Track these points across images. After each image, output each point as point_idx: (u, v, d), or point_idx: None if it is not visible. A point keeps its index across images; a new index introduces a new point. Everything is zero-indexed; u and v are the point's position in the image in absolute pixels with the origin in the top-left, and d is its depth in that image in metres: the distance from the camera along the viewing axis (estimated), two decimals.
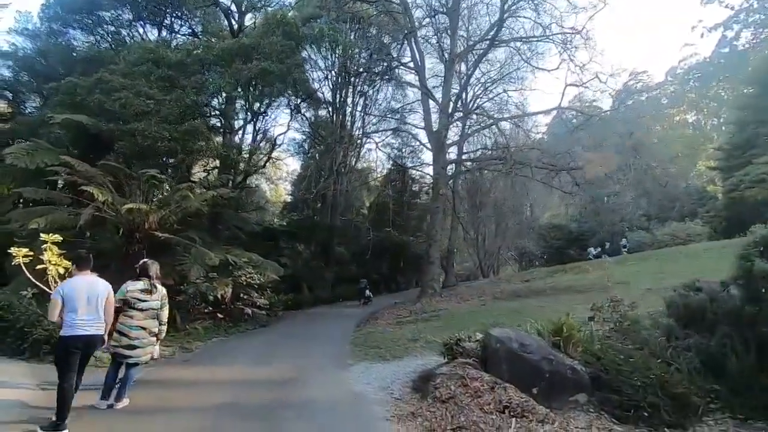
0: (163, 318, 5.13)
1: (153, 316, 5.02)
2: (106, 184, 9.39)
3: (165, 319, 5.16)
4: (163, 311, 5.12)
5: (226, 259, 11.54)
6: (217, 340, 9.84)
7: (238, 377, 6.53)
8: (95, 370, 5.51)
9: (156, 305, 5.04)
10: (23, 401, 4.89)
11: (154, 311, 5.03)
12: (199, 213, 14.24)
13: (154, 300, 5.04)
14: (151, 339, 5.01)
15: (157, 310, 5.06)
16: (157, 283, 5.15)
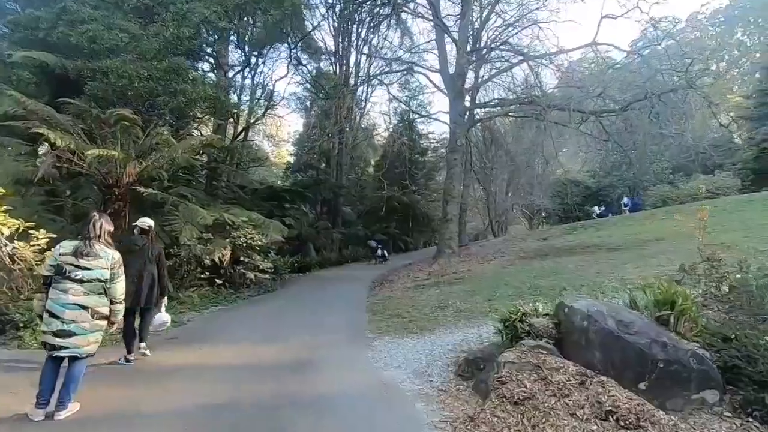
0: (117, 293, 3.65)
1: (98, 291, 3.54)
2: (71, 130, 7.71)
3: (120, 294, 3.68)
4: (116, 284, 3.64)
5: (222, 218, 10.04)
6: (215, 309, 8.48)
7: (237, 360, 5.13)
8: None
9: (102, 275, 3.55)
10: None
11: (100, 284, 3.55)
12: (191, 168, 12.66)
13: (98, 268, 3.54)
14: (97, 323, 3.54)
15: (105, 283, 3.57)
16: (104, 245, 3.63)
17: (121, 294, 3.68)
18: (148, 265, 5.12)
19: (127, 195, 8.81)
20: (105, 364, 4.81)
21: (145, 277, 5.07)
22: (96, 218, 3.62)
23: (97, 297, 3.50)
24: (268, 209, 15.94)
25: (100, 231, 3.61)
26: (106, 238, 3.66)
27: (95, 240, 3.56)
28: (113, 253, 3.64)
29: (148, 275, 5.12)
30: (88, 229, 3.55)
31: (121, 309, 3.70)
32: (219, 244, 9.98)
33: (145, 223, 5.28)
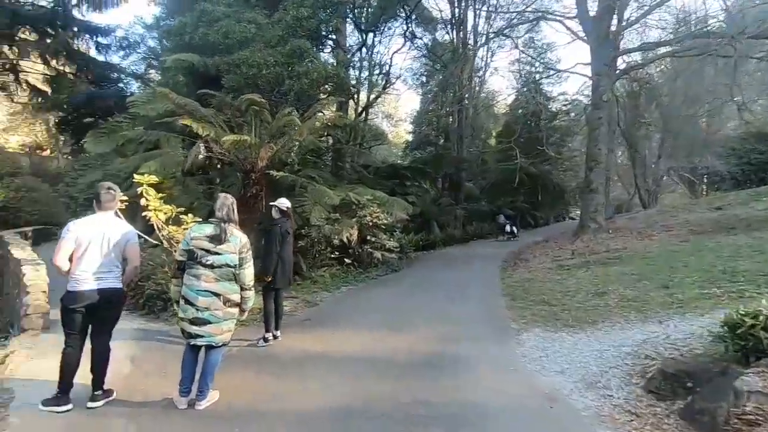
0: (246, 279, 3.35)
1: (229, 277, 3.27)
2: (213, 121, 8.15)
3: (249, 281, 3.38)
4: (245, 269, 3.34)
5: (348, 197, 9.91)
6: (345, 289, 8.37)
7: (367, 350, 4.69)
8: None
9: (231, 260, 3.27)
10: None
11: (230, 269, 3.27)
12: (318, 150, 12.89)
13: (228, 253, 3.26)
14: (229, 311, 3.30)
15: (234, 269, 3.30)
16: (233, 228, 3.35)
17: (251, 280, 3.40)
18: (289, 246, 5.07)
19: (263, 179, 9.14)
20: (245, 346, 4.80)
21: (289, 258, 5.06)
22: (226, 199, 3.37)
23: (227, 283, 3.25)
24: (390, 188, 15.69)
25: (233, 214, 3.35)
26: (235, 221, 3.39)
27: (229, 224, 3.31)
28: (241, 237, 3.36)
29: (290, 255, 5.09)
30: (226, 213, 3.31)
31: (251, 296, 3.44)
32: (346, 223, 9.90)
33: (283, 204, 5.15)
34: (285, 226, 5.04)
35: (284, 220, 5.09)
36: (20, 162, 17.48)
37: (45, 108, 20.95)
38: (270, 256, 4.90)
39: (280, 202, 5.17)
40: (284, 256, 4.98)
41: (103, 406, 3.21)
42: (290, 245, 5.16)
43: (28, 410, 3.10)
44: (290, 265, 5.16)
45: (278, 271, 4.92)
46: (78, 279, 3.13)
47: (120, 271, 3.35)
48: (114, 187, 3.40)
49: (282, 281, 4.99)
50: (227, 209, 3.32)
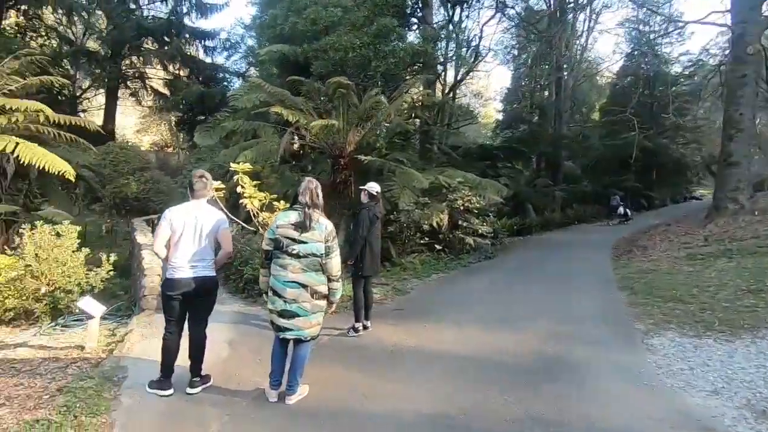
0: (333, 270, 3.07)
1: (315, 267, 3.02)
2: (303, 108, 8.18)
3: (336, 271, 3.10)
4: (332, 259, 3.06)
5: (437, 181, 9.40)
6: (437, 277, 7.95)
7: (463, 348, 4.23)
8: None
9: (318, 249, 3.01)
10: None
11: (316, 259, 3.02)
12: (405, 133, 12.52)
13: (314, 241, 3.01)
14: (317, 303, 3.05)
15: (321, 258, 3.04)
16: (318, 214, 3.09)
17: (338, 271, 3.12)
18: (378, 231, 4.81)
19: (351, 164, 9.03)
20: (335, 336, 4.64)
21: (377, 243, 4.79)
22: (310, 183, 3.12)
23: (314, 274, 3.01)
24: (481, 169, 14.76)
25: (317, 199, 3.09)
26: (320, 206, 3.13)
27: (313, 209, 3.06)
28: (327, 224, 3.08)
29: (378, 241, 4.83)
30: (309, 197, 3.05)
31: (339, 288, 3.17)
32: (436, 208, 9.42)
33: (373, 188, 4.85)
34: (374, 211, 4.74)
35: (373, 204, 4.80)
36: (149, 158, 19.80)
37: (165, 109, 23.51)
38: (356, 241, 4.66)
39: (370, 185, 4.88)
40: (372, 242, 4.69)
41: (201, 393, 3.21)
42: (378, 230, 4.85)
43: (136, 391, 3.20)
44: (378, 251, 4.86)
45: (366, 257, 4.65)
46: (174, 266, 3.14)
47: (213, 259, 3.30)
48: (206, 175, 3.35)
49: (370, 268, 4.71)
50: (310, 193, 3.06)
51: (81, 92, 23.20)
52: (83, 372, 3.58)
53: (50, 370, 3.66)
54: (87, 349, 4.07)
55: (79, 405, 2.90)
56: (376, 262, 4.79)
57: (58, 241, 5.89)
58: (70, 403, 2.92)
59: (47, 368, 3.70)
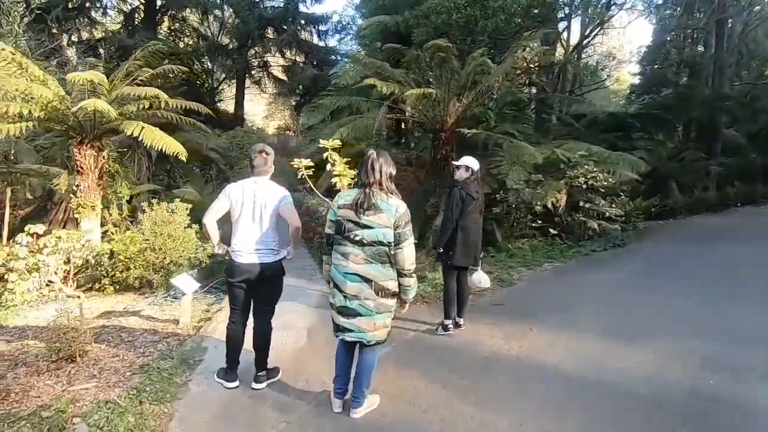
0: (405, 262, 2.46)
1: (382, 259, 2.44)
2: (401, 79, 7.58)
3: (409, 264, 2.48)
4: (403, 249, 2.44)
5: (554, 155, 8.07)
6: (549, 267, 6.81)
7: (578, 367, 3.29)
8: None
9: (385, 236, 2.41)
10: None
11: (383, 249, 2.43)
12: (518, 103, 11.13)
13: (381, 226, 2.41)
14: (383, 302, 2.48)
15: (389, 247, 2.44)
16: (385, 193, 2.48)
17: (411, 264, 2.50)
18: (474, 215, 4.01)
19: (453, 138, 8.22)
20: (422, 331, 4.06)
21: (473, 229, 4.00)
22: (374, 157, 2.52)
23: (380, 267, 2.44)
24: (611, 142, 12.53)
25: (379, 174, 2.48)
26: (389, 185, 2.52)
27: (375, 187, 2.47)
28: (398, 206, 2.45)
29: (475, 226, 4.03)
30: (365, 172, 2.49)
31: (412, 285, 2.55)
32: (552, 186, 8.12)
33: (467, 162, 4.04)
34: (467, 189, 3.94)
35: (467, 182, 4.00)
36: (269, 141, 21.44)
37: (284, 94, 25.04)
38: (445, 225, 3.96)
39: (464, 160, 4.07)
40: (467, 227, 3.93)
41: (266, 388, 2.94)
42: (475, 214, 4.04)
43: (206, 377, 3.07)
44: (476, 238, 4.05)
45: (457, 244, 3.92)
46: (236, 251, 2.86)
47: (277, 244, 2.95)
48: (267, 149, 2.98)
49: (463, 257, 3.96)
50: (372, 167, 2.46)
51: (218, 84, 25.98)
52: (168, 349, 3.61)
53: (145, 342, 3.79)
54: (180, 325, 4.17)
55: (149, 389, 2.84)
56: (471, 251, 4.02)
57: (171, 218, 6.36)
58: (142, 385, 2.87)
59: (144, 340, 3.84)
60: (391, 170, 2.53)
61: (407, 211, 2.48)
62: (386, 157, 2.52)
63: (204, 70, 24.21)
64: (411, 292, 2.56)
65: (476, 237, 4.05)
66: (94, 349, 3.59)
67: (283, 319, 4.21)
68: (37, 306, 5.34)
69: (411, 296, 2.58)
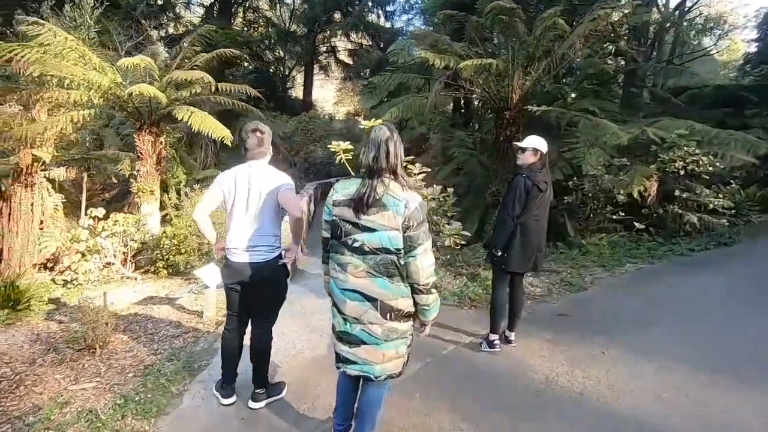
0: (420, 276, 1.81)
1: (389, 271, 1.81)
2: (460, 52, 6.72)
3: (426, 277, 1.82)
4: (416, 257, 1.79)
5: (643, 135, 6.73)
6: (631, 268, 5.66)
7: (666, 415, 2.43)
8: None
9: (392, 241, 1.78)
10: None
11: (390, 257, 1.80)
12: (601, 75, 9.63)
13: (385, 228, 1.78)
14: (395, 327, 1.87)
15: (398, 255, 1.80)
16: (393, 183, 1.82)
17: (429, 276, 1.83)
18: (539, 209, 3.17)
19: (519, 118, 7.21)
20: (463, 345, 3.40)
21: (540, 229, 3.20)
22: (387, 135, 1.84)
23: (387, 282, 1.82)
24: (718, 119, 10.44)
25: (395, 159, 1.83)
26: (403, 174, 1.88)
27: (387, 176, 1.82)
28: (410, 199, 1.79)
29: (543, 226, 3.22)
30: (374, 155, 1.83)
31: (431, 303, 1.88)
32: (639, 172, 6.79)
33: (534, 144, 3.17)
34: (534, 179, 3.11)
35: (534, 168, 3.16)
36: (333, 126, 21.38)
37: (350, 78, 24.83)
38: (502, 222, 3.21)
39: (530, 140, 3.23)
40: (527, 224, 3.12)
41: (265, 408, 2.50)
42: (542, 208, 3.17)
43: (205, 387, 2.72)
44: (537, 239, 3.18)
45: (514, 245, 3.15)
46: (229, 248, 2.42)
47: (278, 240, 2.47)
48: (262, 127, 2.46)
49: (519, 262, 3.17)
50: (379, 147, 1.82)
51: (289, 71, 26.49)
52: (183, 346, 3.35)
53: (165, 337, 3.58)
54: (204, 318, 3.93)
55: (139, 398, 2.54)
56: (530, 255, 3.19)
57: None
58: (134, 393, 2.59)
59: (165, 334, 3.64)
60: (404, 153, 1.89)
61: (421, 207, 1.81)
62: (392, 134, 1.87)
63: (276, 58, 24.81)
64: (431, 312, 1.91)
65: (538, 238, 3.20)
66: (115, 341, 3.45)
67: (310, 322, 3.80)
68: (99, 286, 5.52)
69: (432, 317, 1.93)
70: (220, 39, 16.84)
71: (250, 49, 20.13)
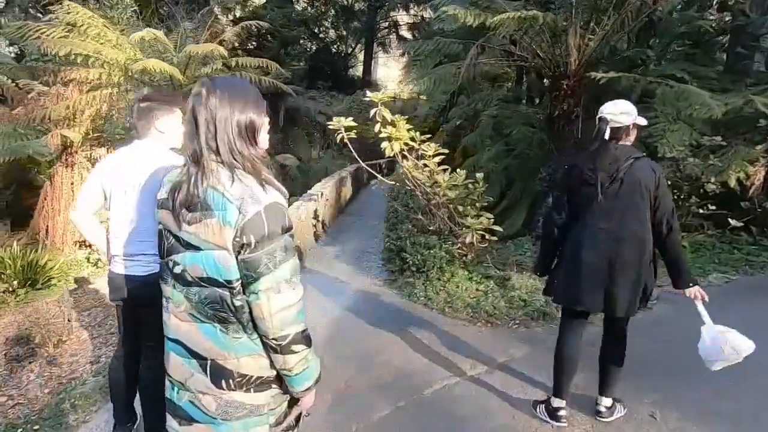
0: (270, 322, 1.04)
1: (218, 312, 1.07)
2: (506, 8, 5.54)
3: (279, 325, 1.05)
4: (261, 294, 1.02)
5: (748, 106, 5.10)
6: (720, 280, 4.28)
7: None
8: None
9: (218, 266, 1.04)
10: None
11: (220, 292, 1.06)
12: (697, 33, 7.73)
13: (211, 246, 1.04)
14: (236, 399, 1.11)
15: (230, 290, 1.05)
16: (229, 173, 1.04)
17: (285, 325, 1.06)
18: (623, 212, 2.01)
19: (579, 88, 5.91)
20: (462, 380, 2.56)
21: (613, 243, 2.02)
22: (203, 94, 1.04)
23: (218, 331, 1.09)
24: None
25: (214, 129, 1.04)
26: (249, 156, 1.08)
27: (209, 160, 1.05)
28: (247, 199, 1.02)
29: (623, 238, 2.02)
30: (186, 129, 1.10)
31: (297, 365, 1.10)
32: (740, 155, 5.21)
33: (615, 111, 2.01)
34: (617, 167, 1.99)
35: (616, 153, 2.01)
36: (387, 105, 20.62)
37: (410, 53, 23.63)
38: (543, 230, 2.32)
39: (615, 110, 2.02)
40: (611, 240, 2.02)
41: None
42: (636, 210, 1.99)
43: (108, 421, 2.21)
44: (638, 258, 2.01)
45: (563, 266, 2.15)
46: (113, 255, 1.83)
47: None
48: (154, 96, 1.83)
49: (581, 294, 2.07)
50: (190, 114, 1.06)
51: (351, 50, 25.90)
52: None
53: None
54: None
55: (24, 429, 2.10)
56: (596, 283, 2.03)
57: None
58: (20, 422, 2.16)
59: None
60: (247, 118, 1.10)
61: (271, 213, 1.04)
62: (235, 90, 1.09)
63: (338, 36, 24.32)
64: (300, 380, 1.14)
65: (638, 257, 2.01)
66: (73, 340, 3.13)
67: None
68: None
69: (303, 387, 1.16)
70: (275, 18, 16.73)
71: (307, 27, 19.84)
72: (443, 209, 4.37)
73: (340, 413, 2.22)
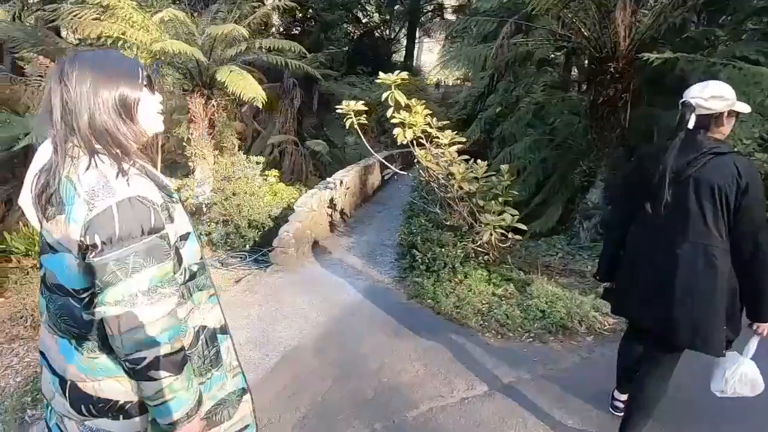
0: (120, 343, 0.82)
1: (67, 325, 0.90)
2: None
3: (130, 347, 0.82)
4: (110, 311, 0.80)
5: None
6: None
7: None
8: None
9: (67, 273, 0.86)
10: None
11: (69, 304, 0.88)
12: None
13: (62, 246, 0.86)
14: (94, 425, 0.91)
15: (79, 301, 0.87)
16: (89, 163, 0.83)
17: (140, 345, 0.83)
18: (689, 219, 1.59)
19: (630, 71, 5.24)
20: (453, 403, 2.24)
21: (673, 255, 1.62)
22: (60, 70, 0.84)
23: (73, 348, 0.90)
24: None
25: (65, 114, 0.83)
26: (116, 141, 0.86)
27: (67, 146, 0.84)
28: (98, 191, 0.81)
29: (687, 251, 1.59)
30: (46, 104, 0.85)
31: (156, 393, 0.86)
32: None
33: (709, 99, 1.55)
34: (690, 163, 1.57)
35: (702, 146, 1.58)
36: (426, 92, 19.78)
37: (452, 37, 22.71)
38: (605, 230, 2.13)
39: (694, 92, 1.59)
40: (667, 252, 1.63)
41: None
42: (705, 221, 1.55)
43: None
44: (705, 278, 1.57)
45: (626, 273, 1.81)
46: None
47: None
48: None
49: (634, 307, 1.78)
50: (47, 93, 0.82)
51: (394, 34, 25.27)
52: None
53: None
54: None
55: None
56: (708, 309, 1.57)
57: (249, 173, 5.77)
58: None
59: None
60: (117, 93, 0.85)
61: (125, 209, 0.82)
62: (98, 64, 0.86)
63: (382, 20, 23.75)
64: (164, 412, 0.88)
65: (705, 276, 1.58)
66: None
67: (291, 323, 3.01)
68: None
69: (170, 420, 0.89)
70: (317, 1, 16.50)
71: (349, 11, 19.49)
72: (462, 203, 3.98)
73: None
